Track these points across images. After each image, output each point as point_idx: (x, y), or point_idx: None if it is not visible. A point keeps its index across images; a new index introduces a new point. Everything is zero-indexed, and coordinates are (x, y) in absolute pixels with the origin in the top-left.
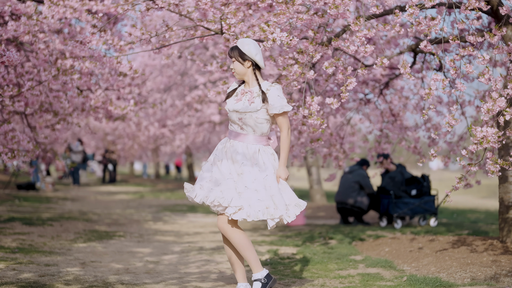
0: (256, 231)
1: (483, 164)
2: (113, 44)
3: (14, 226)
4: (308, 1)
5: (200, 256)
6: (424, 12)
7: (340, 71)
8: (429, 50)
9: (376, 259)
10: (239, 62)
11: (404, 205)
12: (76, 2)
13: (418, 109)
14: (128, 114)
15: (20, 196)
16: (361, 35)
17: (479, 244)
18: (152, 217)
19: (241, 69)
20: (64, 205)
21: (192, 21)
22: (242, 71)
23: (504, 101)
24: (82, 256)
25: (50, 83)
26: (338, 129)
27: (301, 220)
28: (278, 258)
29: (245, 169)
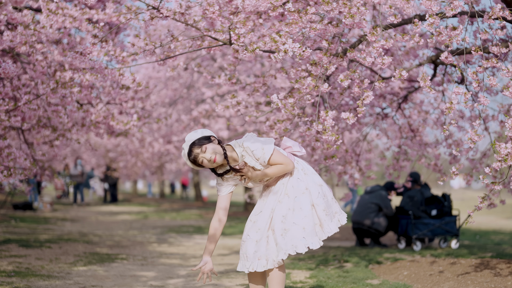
0: None
1: (507, 182)
2: (115, 55)
3: (10, 248)
4: (322, 10)
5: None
6: (445, 21)
7: (356, 84)
8: (450, 62)
9: (394, 283)
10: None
11: (424, 226)
12: (76, 11)
13: (438, 124)
14: (131, 129)
15: (17, 217)
16: (378, 46)
17: (504, 268)
18: (157, 239)
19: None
20: (63, 226)
21: (199, 31)
22: (217, 159)
23: None
24: (82, 280)
25: (48, 96)
26: (354, 145)
27: None
28: (290, 282)
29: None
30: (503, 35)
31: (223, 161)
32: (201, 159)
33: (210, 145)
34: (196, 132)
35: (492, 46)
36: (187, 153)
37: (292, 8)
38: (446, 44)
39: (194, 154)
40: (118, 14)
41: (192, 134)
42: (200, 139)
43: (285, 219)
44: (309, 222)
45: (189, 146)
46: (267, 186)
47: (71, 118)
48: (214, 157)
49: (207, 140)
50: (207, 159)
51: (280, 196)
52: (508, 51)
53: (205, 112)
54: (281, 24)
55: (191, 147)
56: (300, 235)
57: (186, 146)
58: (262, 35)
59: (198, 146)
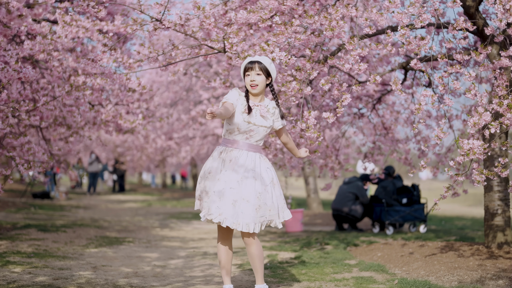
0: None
1: (469, 174)
2: (122, 62)
3: (30, 233)
4: (305, 23)
5: (204, 260)
6: (414, 32)
7: (336, 87)
8: (419, 68)
9: (369, 263)
10: (264, 76)
11: (396, 213)
12: (88, 23)
13: (408, 123)
14: (136, 127)
15: (36, 204)
16: (355, 54)
17: (466, 249)
18: (159, 224)
19: (263, 83)
20: (76, 212)
21: (197, 40)
22: (263, 85)
23: (489, 115)
24: (94, 261)
25: (64, 98)
26: (334, 141)
27: (298, 227)
28: (277, 263)
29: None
30: (465, 44)
31: (260, 91)
32: (253, 72)
33: (263, 79)
34: (272, 64)
35: (456, 53)
36: (253, 60)
37: (279, 21)
38: (415, 52)
39: (252, 66)
40: (125, 25)
41: (271, 62)
42: (268, 66)
43: (260, 196)
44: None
45: (260, 59)
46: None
47: (84, 118)
48: (259, 78)
49: (267, 73)
50: (256, 74)
51: (255, 174)
52: (470, 58)
53: (202, 112)
54: (269, 34)
55: (259, 62)
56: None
57: (261, 58)
58: (252, 44)
59: (258, 67)
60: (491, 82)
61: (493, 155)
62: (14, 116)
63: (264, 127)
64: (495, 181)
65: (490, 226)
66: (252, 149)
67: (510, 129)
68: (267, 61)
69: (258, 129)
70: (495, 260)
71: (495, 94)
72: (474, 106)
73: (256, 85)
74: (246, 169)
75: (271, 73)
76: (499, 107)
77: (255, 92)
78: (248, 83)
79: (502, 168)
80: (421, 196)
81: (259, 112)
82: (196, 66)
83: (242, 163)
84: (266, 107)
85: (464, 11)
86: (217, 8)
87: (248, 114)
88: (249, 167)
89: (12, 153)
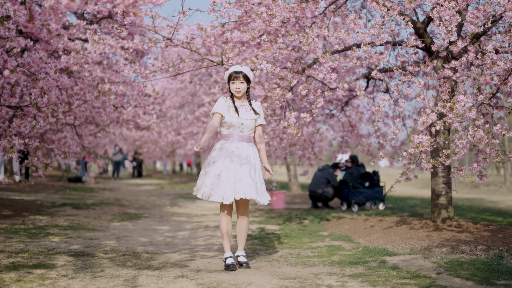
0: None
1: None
2: (140, 72)
3: (66, 210)
4: (287, 40)
5: (206, 232)
6: (374, 48)
7: (312, 93)
8: (379, 77)
9: (338, 235)
10: (246, 83)
11: (360, 194)
12: (113, 41)
13: (370, 122)
14: (151, 125)
15: (70, 187)
16: (327, 66)
17: (416, 223)
18: (170, 203)
19: (245, 89)
20: (103, 194)
21: (200, 55)
22: (245, 90)
23: (435, 115)
24: (117, 232)
25: (93, 102)
26: (310, 136)
27: (282, 205)
28: (265, 234)
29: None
30: (416, 58)
31: (243, 94)
32: (238, 81)
33: (245, 86)
34: (249, 70)
35: (408, 66)
36: (237, 70)
37: (266, 39)
38: (375, 64)
39: (237, 75)
40: (142, 43)
41: (246, 68)
42: (248, 74)
43: (253, 177)
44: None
45: (242, 70)
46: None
47: (109, 117)
48: (243, 86)
49: (248, 79)
50: (240, 82)
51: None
52: (419, 70)
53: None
54: (258, 50)
55: (241, 72)
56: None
57: (243, 68)
58: (245, 58)
59: (242, 76)
60: (436, 88)
61: (438, 148)
62: (53, 116)
63: (251, 119)
64: (439, 168)
65: (436, 204)
66: (245, 140)
67: (452, 126)
68: (247, 70)
69: (247, 122)
70: (440, 232)
71: (440, 98)
72: (423, 108)
73: (240, 91)
74: (241, 158)
75: (250, 79)
76: (443, 109)
77: (239, 96)
78: (234, 90)
79: (445, 158)
80: (380, 180)
81: (244, 109)
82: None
83: (238, 153)
84: (249, 106)
85: (415, 32)
86: (216, 29)
87: (236, 113)
88: (243, 155)
89: (51, 146)
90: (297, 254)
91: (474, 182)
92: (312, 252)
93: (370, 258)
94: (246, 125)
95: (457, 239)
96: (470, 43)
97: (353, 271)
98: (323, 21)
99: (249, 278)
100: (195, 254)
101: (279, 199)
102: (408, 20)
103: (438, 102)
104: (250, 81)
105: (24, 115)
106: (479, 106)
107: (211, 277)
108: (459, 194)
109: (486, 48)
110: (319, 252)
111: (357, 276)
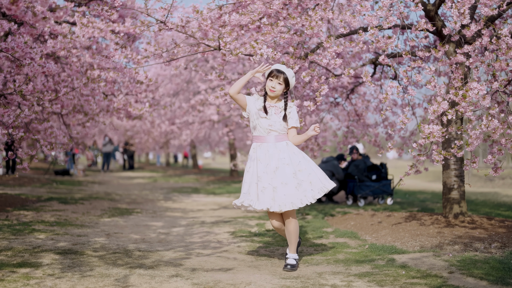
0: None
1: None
2: (132, 58)
3: (52, 204)
4: (289, 24)
5: (202, 228)
6: (382, 32)
7: (315, 79)
8: (386, 63)
9: (343, 231)
10: (283, 85)
11: (366, 188)
12: (102, 24)
13: (377, 110)
14: (144, 114)
15: (57, 180)
16: (331, 51)
17: (427, 219)
18: (164, 197)
19: (281, 91)
20: (92, 187)
21: (196, 40)
22: (280, 92)
23: (446, 104)
24: (107, 229)
25: (81, 89)
26: None
27: None
28: (265, 230)
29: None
30: (426, 42)
31: (277, 95)
32: (276, 80)
33: (281, 87)
34: (294, 78)
35: (418, 51)
36: (280, 69)
37: (266, 22)
38: (383, 49)
39: (278, 74)
40: (134, 26)
41: (294, 75)
42: (290, 79)
43: (295, 176)
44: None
45: (286, 72)
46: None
47: (99, 106)
48: (279, 87)
49: (287, 84)
50: (278, 83)
51: (286, 160)
52: (430, 55)
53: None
54: (258, 34)
55: (283, 73)
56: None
57: (287, 70)
58: (243, 43)
59: (283, 78)
60: (448, 75)
61: (450, 138)
62: (39, 104)
63: (280, 122)
64: (451, 161)
65: (447, 199)
66: (278, 139)
67: (465, 116)
68: (291, 74)
69: (275, 123)
70: (452, 228)
71: (452, 85)
72: (434, 96)
73: (274, 91)
74: (277, 158)
75: (290, 85)
76: (455, 97)
77: (272, 96)
78: (269, 87)
79: (457, 149)
80: (388, 173)
81: (274, 111)
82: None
83: (272, 153)
84: (281, 108)
85: (425, 14)
86: (213, 11)
87: (264, 113)
88: (279, 155)
89: (37, 136)
90: (300, 251)
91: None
92: (315, 249)
93: (377, 256)
94: (275, 126)
95: (470, 236)
96: (484, 26)
97: (359, 270)
98: (327, 3)
99: (248, 278)
100: (190, 252)
101: None
102: (418, 2)
103: (450, 89)
104: (290, 86)
105: (7, 103)
106: (494, 94)
107: (207, 276)
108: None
109: (501, 32)
110: (322, 250)
111: (363, 275)
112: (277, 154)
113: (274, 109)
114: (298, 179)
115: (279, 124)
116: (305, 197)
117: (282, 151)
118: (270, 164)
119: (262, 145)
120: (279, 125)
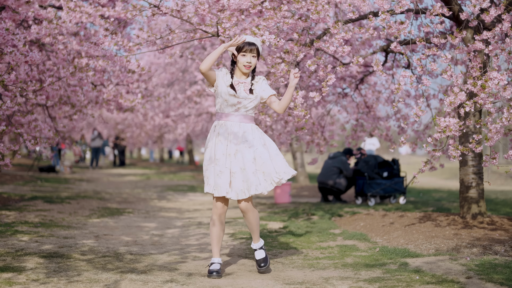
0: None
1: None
2: (123, 45)
3: (37, 204)
4: (293, 8)
5: (199, 230)
6: (394, 17)
7: (321, 68)
8: (399, 50)
9: (352, 233)
10: (256, 57)
11: (377, 186)
12: (91, 9)
13: (389, 102)
14: (136, 106)
15: (42, 178)
16: (339, 37)
17: (443, 220)
18: (157, 196)
19: (255, 64)
20: (80, 185)
21: (192, 25)
22: (255, 65)
23: (464, 95)
24: (96, 230)
25: (68, 79)
26: (320, 119)
27: (287, 198)
28: (267, 232)
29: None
30: (442, 28)
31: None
32: (250, 54)
33: (255, 60)
34: (260, 43)
35: (433, 37)
36: (251, 41)
37: (268, 6)
38: (395, 36)
39: (252, 48)
40: (125, 11)
41: (258, 40)
42: (260, 47)
43: (255, 161)
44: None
45: (255, 41)
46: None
47: (87, 97)
48: (254, 60)
49: (258, 54)
50: (252, 56)
51: (248, 144)
52: (446, 42)
53: (197, 91)
54: (259, 19)
55: (254, 45)
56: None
57: (256, 40)
58: (244, 29)
59: (256, 50)
60: (466, 64)
61: (468, 132)
62: (22, 95)
63: (249, 99)
64: (469, 156)
65: (465, 198)
66: (243, 120)
67: (484, 108)
68: (259, 42)
69: (244, 101)
70: (469, 230)
71: (470, 75)
72: (450, 86)
73: (250, 66)
74: (237, 138)
75: (260, 53)
76: (473, 87)
77: (247, 72)
78: (243, 63)
79: (476, 144)
80: (401, 170)
81: (243, 87)
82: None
83: (235, 132)
84: (250, 83)
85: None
86: None
87: (233, 89)
88: (242, 137)
89: (20, 130)
90: (305, 255)
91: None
92: (322, 253)
93: (389, 260)
94: (243, 104)
95: (490, 238)
96: (505, 11)
97: (369, 275)
98: None
99: (249, 283)
100: (186, 255)
101: (284, 192)
102: None
103: (467, 79)
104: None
105: None
106: None
107: (204, 282)
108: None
109: None
110: (330, 253)
111: (373, 280)
112: (240, 134)
113: (243, 86)
114: (257, 164)
115: (248, 101)
116: (260, 185)
117: (246, 132)
118: (229, 146)
119: (226, 123)
120: (248, 102)
